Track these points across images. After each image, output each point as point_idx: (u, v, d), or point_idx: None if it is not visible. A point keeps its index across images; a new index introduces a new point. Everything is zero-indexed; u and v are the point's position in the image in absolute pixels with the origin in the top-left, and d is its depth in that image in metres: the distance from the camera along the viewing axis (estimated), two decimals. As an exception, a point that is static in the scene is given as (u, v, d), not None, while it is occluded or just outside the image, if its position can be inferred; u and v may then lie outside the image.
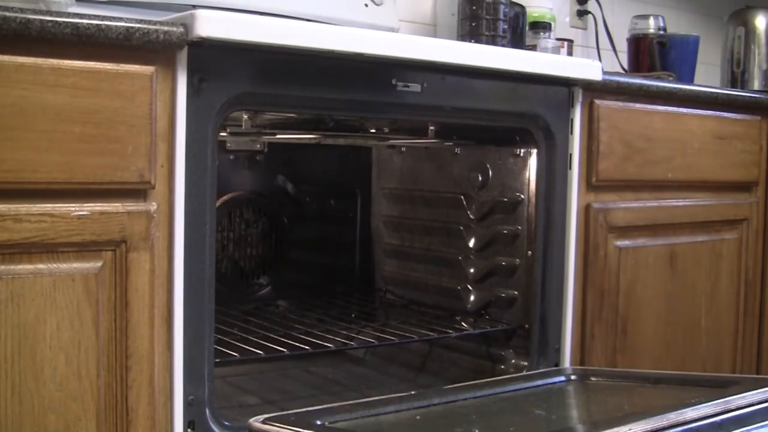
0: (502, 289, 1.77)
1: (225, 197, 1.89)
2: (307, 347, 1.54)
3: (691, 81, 2.29)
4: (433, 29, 2.25)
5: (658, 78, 2.03)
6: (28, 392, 1.09)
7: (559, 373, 1.59)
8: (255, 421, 1.20)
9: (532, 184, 1.69)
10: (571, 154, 1.65)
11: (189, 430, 1.22)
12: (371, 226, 2.10)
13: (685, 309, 1.92)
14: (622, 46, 2.43)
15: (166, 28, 1.15)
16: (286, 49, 1.27)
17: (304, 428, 1.17)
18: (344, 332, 1.69)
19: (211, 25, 1.18)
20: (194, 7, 1.47)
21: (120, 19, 1.13)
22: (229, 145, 1.58)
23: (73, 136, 1.10)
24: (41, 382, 1.10)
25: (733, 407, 1.21)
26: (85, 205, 1.13)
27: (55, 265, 1.11)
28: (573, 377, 1.56)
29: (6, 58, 1.06)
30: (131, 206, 1.16)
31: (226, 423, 1.27)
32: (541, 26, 2.16)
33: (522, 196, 1.71)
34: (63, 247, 1.11)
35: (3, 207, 1.07)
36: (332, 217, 2.07)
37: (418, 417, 1.32)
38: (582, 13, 2.59)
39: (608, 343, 1.76)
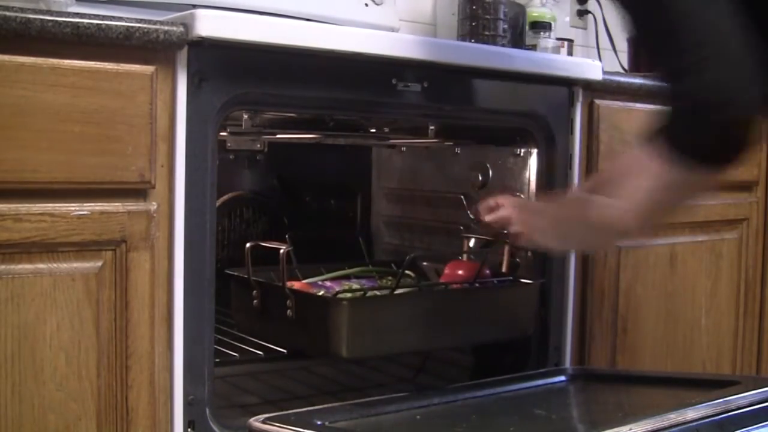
0: (502, 289, 1.77)
1: (225, 197, 1.89)
2: (307, 347, 1.54)
3: (691, 81, 2.28)
4: (433, 29, 2.25)
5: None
6: (28, 392, 1.09)
7: (559, 373, 1.59)
8: (255, 421, 1.20)
9: (533, 184, 1.68)
10: (571, 154, 1.65)
11: (189, 429, 1.22)
12: (371, 226, 2.10)
13: (685, 309, 1.92)
14: (622, 46, 2.43)
15: (166, 28, 1.15)
16: (286, 49, 1.27)
17: (304, 428, 1.17)
18: (344, 332, 1.69)
19: (211, 25, 1.18)
20: (194, 6, 1.47)
21: (120, 19, 1.13)
22: (229, 144, 1.57)
23: (73, 136, 1.10)
24: (41, 382, 1.10)
25: (733, 407, 1.21)
26: (85, 204, 1.13)
27: (55, 265, 1.10)
28: (573, 377, 1.56)
29: (6, 58, 1.06)
30: (131, 206, 1.16)
31: (226, 423, 1.27)
32: (541, 26, 2.16)
33: (522, 196, 1.71)
34: (63, 247, 1.11)
35: (3, 207, 1.07)
36: (332, 217, 2.07)
37: (418, 417, 1.32)
38: (582, 13, 2.59)
39: (608, 343, 1.76)
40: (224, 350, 1.45)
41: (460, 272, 1.59)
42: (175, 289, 1.20)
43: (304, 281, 1.57)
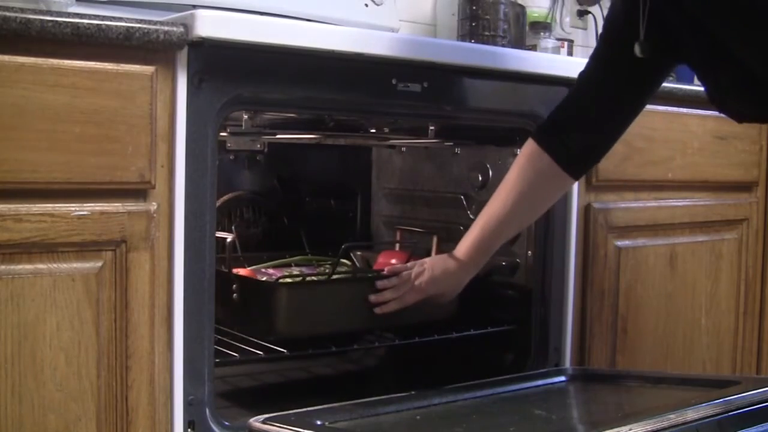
0: (502, 289, 1.77)
1: (225, 197, 1.89)
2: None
3: (691, 81, 2.28)
4: (433, 29, 2.25)
5: (658, 78, 2.03)
6: (28, 392, 1.09)
7: (559, 373, 1.59)
8: (255, 421, 1.20)
9: (532, 184, 1.68)
10: (571, 154, 1.65)
11: (189, 430, 1.22)
12: (371, 226, 2.10)
13: (685, 309, 1.92)
14: (622, 46, 2.43)
15: (166, 28, 1.15)
16: (286, 49, 1.27)
17: (304, 428, 1.17)
18: (344, 332, 1.69)
19: (211, 25, 1.18)
20: (194, 7, 1.47)
21: (120, 19, 1.13)
22: (229, 145, 1.57)
23: (73, 136, 1.10)
24: (41, 382, 1.10)
25: (733, 407, 1.21)
26: (85, 205, 1.13)
27: (55, 265, 1.11)
28: (573, 377, 1.57)
29: (6, 58, 1.06)
30: (131, 206, 1.16)
31: (226, 423, 1.27)
32: (541, 26, 2.16)
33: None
34: (63, 247, 1.11)
35: (3, 207, 1.07)
36: (332, 217, 2.07)
37: (418, 417, 1.32)
38: (582, 13, 2.59)
39: (608, 343, 1.76)
40: (224, 350, 1.45)
41: (393, 261, 1.66)
42: (175, 289, 1.20)
43: (249, 268, 1.64)
